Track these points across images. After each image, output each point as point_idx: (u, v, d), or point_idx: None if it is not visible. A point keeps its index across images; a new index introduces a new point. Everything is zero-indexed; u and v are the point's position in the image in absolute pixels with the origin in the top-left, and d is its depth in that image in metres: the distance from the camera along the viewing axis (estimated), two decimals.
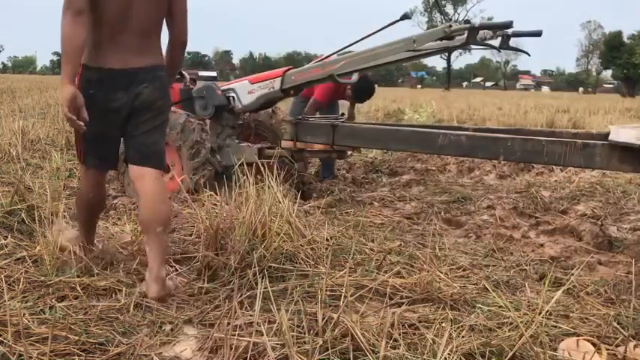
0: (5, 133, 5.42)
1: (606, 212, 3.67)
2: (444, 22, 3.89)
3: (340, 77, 3.57)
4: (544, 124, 10.53)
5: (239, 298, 2.11)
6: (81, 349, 1.73)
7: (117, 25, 2.10)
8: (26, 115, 7.64)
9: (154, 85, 2.18)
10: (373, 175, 5.22)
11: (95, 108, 2.06)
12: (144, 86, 2.15)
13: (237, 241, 2.35)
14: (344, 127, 3.56)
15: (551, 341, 1.86)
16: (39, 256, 2.42)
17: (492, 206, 3.74)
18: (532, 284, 2.45)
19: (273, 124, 4.21)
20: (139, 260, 2.42)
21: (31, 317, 1.88)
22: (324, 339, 1.73)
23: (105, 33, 2.10)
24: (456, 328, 1.88)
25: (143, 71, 2.16)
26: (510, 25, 3.03)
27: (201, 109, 3.77)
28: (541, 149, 2.86)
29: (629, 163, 2.67)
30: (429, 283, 2.23)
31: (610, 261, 2.84)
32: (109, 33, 2.11)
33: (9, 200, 3.01)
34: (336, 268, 2.44)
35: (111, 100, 2.14)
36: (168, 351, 1.77)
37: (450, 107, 15.13)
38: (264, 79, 3.76)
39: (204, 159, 3.54)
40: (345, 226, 3.15)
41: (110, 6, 2.07)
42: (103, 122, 2.14)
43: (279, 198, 2.68)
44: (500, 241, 3.12)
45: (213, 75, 78.58)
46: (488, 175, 5.23)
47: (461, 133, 3.18)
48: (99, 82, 2.12)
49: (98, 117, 2.08)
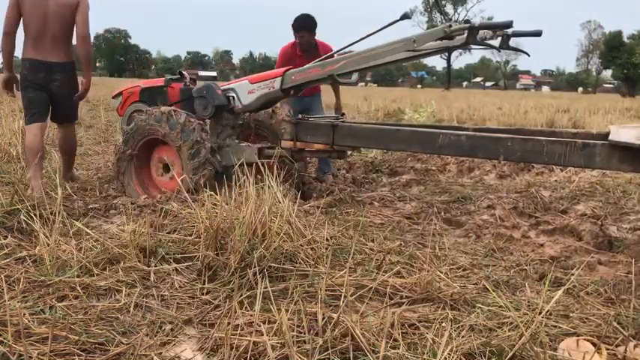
0: (5, 133, 5.43)
1: (606, 212, 3.67)
2: (444, 22, 3.88)
3: (340, 77, 3.57)
4: (544, 124, 10.54)
5: (239, 298, 2.11)
6: (81, 349, 1.73)
7: (38, 35, 3.82)
8: None
9: (62, 74, 3.92)
10: (373, 175, 5.22)
11: (29, 82, 3.84)
12: (57, 75, 3.89)
13: (237, 241, 2.35)
14: (344, 127, 3.56)
15: (551, 341, 1.86)
16: (39, 256, 2.42)
17: (492, 206, 3.74)
18: (532, 284, 2.45)
19: (273, 124, 4.21)
20: (135, 262, 2.41)
21: (31, 317, 1.88)
22: (324, 339, 1.73)
23: (30, 39, 3.84)
24: (456, 328, 1.88)
25: (56, 64, 3.88)
26: (510, 25, 3.03)
27: (201, 109, 3.78)
28: (541, 149, 2.86)
29: (629, 163, 2.67)
30: (429, 283, 2.23)
31: (610, 261, 2.84)
32: (33, 39, 3.83)
33: (9, 200, 3.01)
34: (336, 268, 2.44)
35: (37, 78, 3.85)
36: (168, 351, 1.77)
37: (450, 107, 15.13)
38: (264, 79, 3.75)
39: (204, 159, 3.53)
40: (345, 226, 3.15)
41: (32, 25, 3.80)
42: (34, 91, 3.86)
43: (279, 198, 2.68)
44: (500, 241, 3.12)
45: (213, 75, 78.55)
46: (489, 175, 5.23)
47: (461, 133, 3.17)
48: (30, 67, 3.85)
49: (32, 88, 3.85)
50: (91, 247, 2.56)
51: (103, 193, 3.92)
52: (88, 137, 6.69)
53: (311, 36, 4.75)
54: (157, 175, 3.85)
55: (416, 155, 5.91)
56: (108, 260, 2.45)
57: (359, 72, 3.60)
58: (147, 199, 3.58)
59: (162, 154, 3.79)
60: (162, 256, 2.51)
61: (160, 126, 3.63)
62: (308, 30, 4.72)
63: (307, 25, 4.72)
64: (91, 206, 3.49)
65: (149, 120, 3.68)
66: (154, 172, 3.86)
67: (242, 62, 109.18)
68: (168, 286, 2.27)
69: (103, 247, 2.51)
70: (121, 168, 3.83)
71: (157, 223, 2.90)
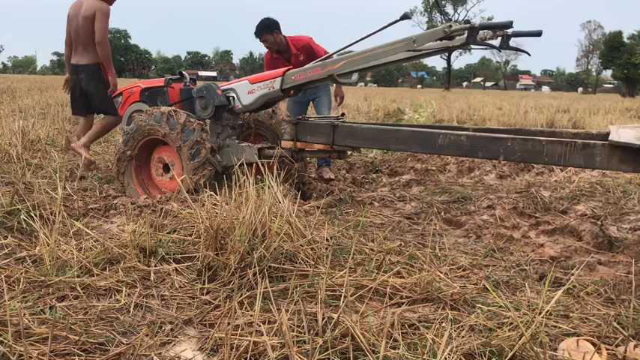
0: (5, 133, 5.43)
1: (606, 212, 3.67)
2: (444, 22, 3.89)
3: (340, 77, 3.57)
4: (544, 124, 10.53)
5: (239, 298, 2.11)
6: (81, 349, 1.73)
7: (75, 44, 4.88)
8: (26, 115, 7.65)
9: (85, 74, 4.86)
10: (373, 175, 5.22)
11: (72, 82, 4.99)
12: (81, 75, 4.87)
13: (237, 241, 2.35)
14: (344, 127, 3.56)
15: (551, 341, 1.86)
16: (39, 256, 2.42)
17: (492, 206, 3.73)
18: (532, 284, 2.45)
19: (273, 124, 4.21)
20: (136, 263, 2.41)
21: (31, 317, 1.88)
22: (324, 339, 1.73)
23: (73, 48, 4.93)
24: (456, 328, 1.88)
25: (80, 66, 4.87)
26: (510, 25, 3.03)
27: (201, 109, 3.78)
28: (541, 149, 2.86)
29: (629, 163, 2.66)
30: (429, 283, 2.23)
31: (610, 261, 2.84)
32: (74, 48, 4.91)
33: (9, 200, 3.01)
34: (336, 268, 2.44)
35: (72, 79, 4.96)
36: (168, 351, 1.77)
37: (450, 107, 15.13)
38: (264, 79, 3.76)
39: (204, 159, 3.54)
40: (345, 226, 3.15)
41: (72, 36, 4.86)
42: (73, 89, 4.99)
43: (279, 198, 2.68)
44: (500, 241, 3.12)
45: (213, 75, 78.45)
46: (489, 175, 5.23)
47: (461, 133, 3.17)
48: (71, 70, 4.97)
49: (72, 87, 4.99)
50: (91, 247, 2.56)
51: (103, 193, 3.92)
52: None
53: (274, 37, 4.73)
54: (156, 175, 3.85)
55: (416, 155, 5.91)
56: (108, 260, 2.45)
57: (359, 72, 3.60)
58: (147, 199, 3.58)
59: (162, 154, 3.79)
60: (162, 256, 2.51)
61: (160, 126, 3.63)
62: (267, 32, 4.71)
63: (264, 28, 4.71)
64: (91, 206, 3.49)
65: (149, 120, 3.68)
66: (154, 172, 3.86)
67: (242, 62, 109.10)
68: (168, 286, 2.27)
69: (103, 247, 2.51)
70: (121, 168, 3.83)
71: (157, 223, 2.90)
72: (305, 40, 4.83)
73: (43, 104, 11.21)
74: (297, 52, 4.81)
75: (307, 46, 4.80)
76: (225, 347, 1.69)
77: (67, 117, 8.39)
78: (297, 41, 4.81)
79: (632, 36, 54.38)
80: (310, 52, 4.76)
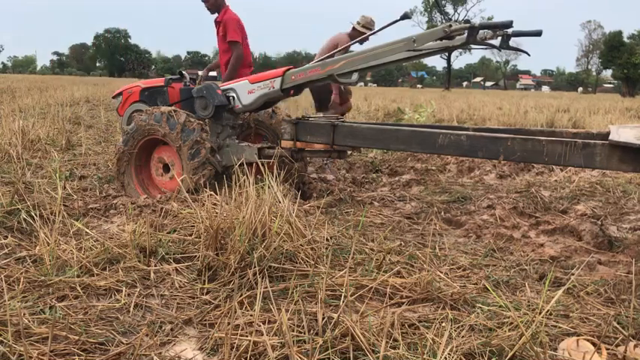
0: (5, 133, 5.43)
1: (606, 212, 3.67)
2: (444, 21, 3.88)
3: (340, 77, 3.57)
4: (544, 123, 10.53)
5: (239, 298, 2.11)
6: (81, 349, 1.73)
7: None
8: (26, 115, 7.65)
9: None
10: (373, 175, 5.22)
11: None
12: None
13: (237, 241, 2.35)
14: (344, 126, 3.56)
15: (551, 341, 1.86)
16: (39, 256, 2.42)
17: (492, 206, 3.73)
18: (532, 284, 2.45)
19: (273, 124, 4.21)
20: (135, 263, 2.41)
21: (31, 317, 1.88)
22: (324, 339, 1.73)
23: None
24: (456, 328, 1.88)
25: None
26: (510, 25, 3.03)
27: (201, 108, 3.78)
28: (541, 149, 2.86)
29: (629, 163, 2.66)
30: (429, 283, 2.23)
31: (610, 261, 2.84)
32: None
33: (9, 200, 3.01)
34: (336, 268, 2.44)
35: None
36: (168, 351, 1.77)
37: (450, 107, 15.12)
38: (264, 79, 3.75)
39: (204, 159, 3.54)
40: (345, 226, 3.15)
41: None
42: None
43: (279, 198, 2.68)
44: (500, 241, 3.12)
45: (213, 75, 78.30)
46: (489, 175, 5.23)
47: (461, 133, 3.17)
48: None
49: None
50: (91, 246, 2.56)
51: (103, 193, 3.92)
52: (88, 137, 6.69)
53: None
54: (156, 175, 3.85)
55: (416, 155, 5.91)
56: (108, 260, 2.44)
57: (359, 72, 3.60)
58: (147, 198, 3.58)
59: (162, 154, 3.79)
60: (162, 256, 2.51)
61: (160, 126, 3.63)
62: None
63: None
64: (91, 206, 3.49)
65: (149, 120, 3.68)
66: (154, 172, 3.86)
67: None
68: (168, 286, 2.27)
69: (103, 247, 2.51)
70: (121, 168, 3.83)
71: (157, 222, 2.90)
72: (229, 19, 4.95)
73: (43, 104, 11.21)
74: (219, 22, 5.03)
75: (225, 24, 4.95)
76: (225, 347, 1.69)
77: (67, 117, 8.40)
78: (225, 15, 4.97)
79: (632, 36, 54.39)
80: (224, 32, 4.95)
